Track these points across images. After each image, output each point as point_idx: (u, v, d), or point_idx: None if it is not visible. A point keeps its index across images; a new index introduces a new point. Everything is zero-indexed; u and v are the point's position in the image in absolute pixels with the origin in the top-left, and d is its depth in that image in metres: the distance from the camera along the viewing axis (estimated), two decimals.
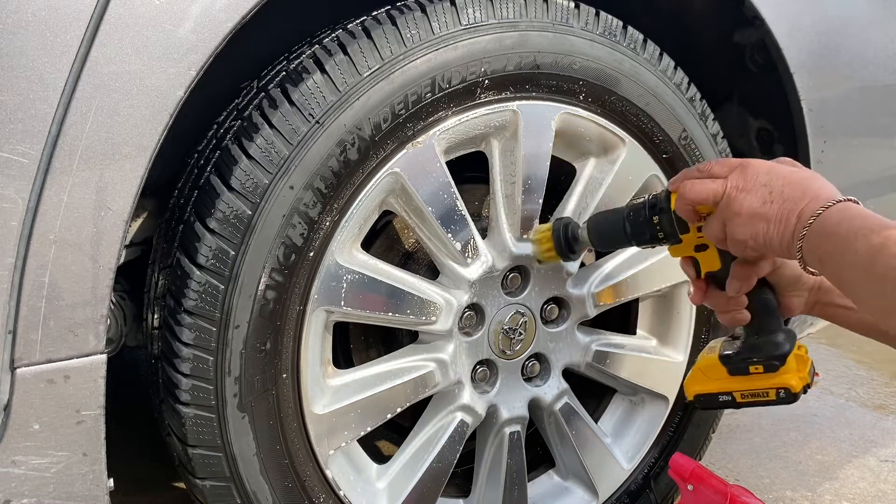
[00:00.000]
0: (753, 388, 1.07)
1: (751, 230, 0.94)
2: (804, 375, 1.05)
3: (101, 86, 0.84)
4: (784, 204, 0.91)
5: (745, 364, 1.07)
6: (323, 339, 1.13)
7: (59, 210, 0.84)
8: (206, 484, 1.07)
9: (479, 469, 1.34)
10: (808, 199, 0.90)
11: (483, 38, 1.12)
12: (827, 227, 0.86)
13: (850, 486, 1.85)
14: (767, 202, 0.93)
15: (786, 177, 0.93)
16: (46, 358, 0.86)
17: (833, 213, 0.87)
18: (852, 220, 0.84)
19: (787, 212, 0.91)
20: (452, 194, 1.15)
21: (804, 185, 0.92)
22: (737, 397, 1.09)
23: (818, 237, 0.87)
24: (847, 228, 0.84)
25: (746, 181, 0.95)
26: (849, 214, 0.86)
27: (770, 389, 1.06)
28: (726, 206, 0.97)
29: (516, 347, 1.30)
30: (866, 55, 1.52)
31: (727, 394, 1.09)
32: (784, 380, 1.05)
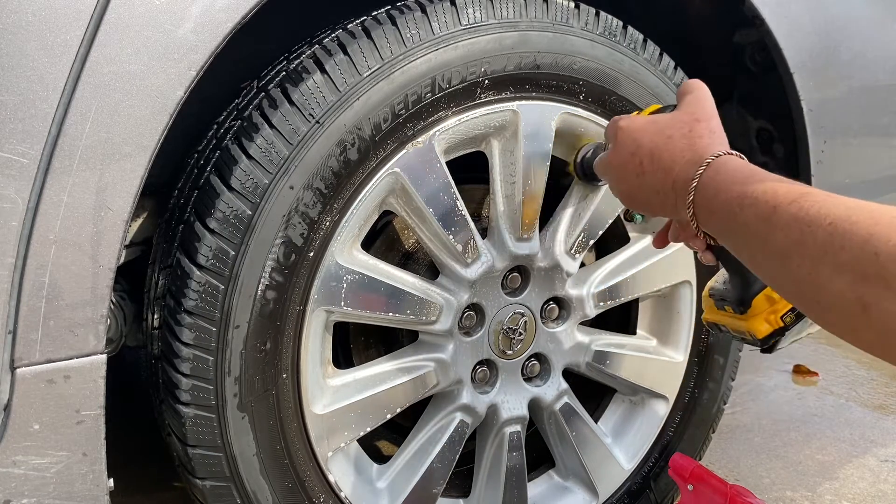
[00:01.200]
0: (735, 326, 1.03)
1: (638, 204, 0.90)
2: (774, 318, 0.98)
3: (101, 86, 0.84)
4: (656, 174, 0.84)
5: (722, 304, 1.03)
6: (323, 339, 1.13)
7: (59, 210, 0.84)
8: (206, 484, 1.07)
9: (479, 469, 1.34)
10: (678, 166, 0.82)
11: (483, 38, 1.12)
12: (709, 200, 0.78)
13: (850, 486, 1.85)
14: (639, 174, 0.87)
15: (653, 141, 0.86)
16: (46, 358, 0.86)
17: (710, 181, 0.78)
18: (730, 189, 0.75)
19: (660, 183, 0.84)
20: (452, 194, 1.15)
21: (672, 149, 0.84)
22: (730, 331, 1.05)
23: (703, 211, 0.79)
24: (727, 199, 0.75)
25: (618, 153, 0.90)
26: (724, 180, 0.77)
27: (744, 332, 1.01)
28: (612, 185, 0.94)
29: (516, 347, 1.30)
30: (866, 55, 1.51)
31: (723, 325, 1.05)
32: (751, 325, 0.99)
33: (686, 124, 0.85)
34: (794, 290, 0.69)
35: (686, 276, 1.45)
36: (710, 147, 0.81)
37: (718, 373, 1.53)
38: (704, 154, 0.80)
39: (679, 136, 0.84)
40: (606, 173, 0.96)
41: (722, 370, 1.54)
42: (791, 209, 0.69)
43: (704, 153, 0.81)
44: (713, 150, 0.81)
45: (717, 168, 0.78)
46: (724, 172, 0.77)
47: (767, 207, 0.71)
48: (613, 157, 0.92)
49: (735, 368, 1.58)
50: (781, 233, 0.69)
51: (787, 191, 0.71)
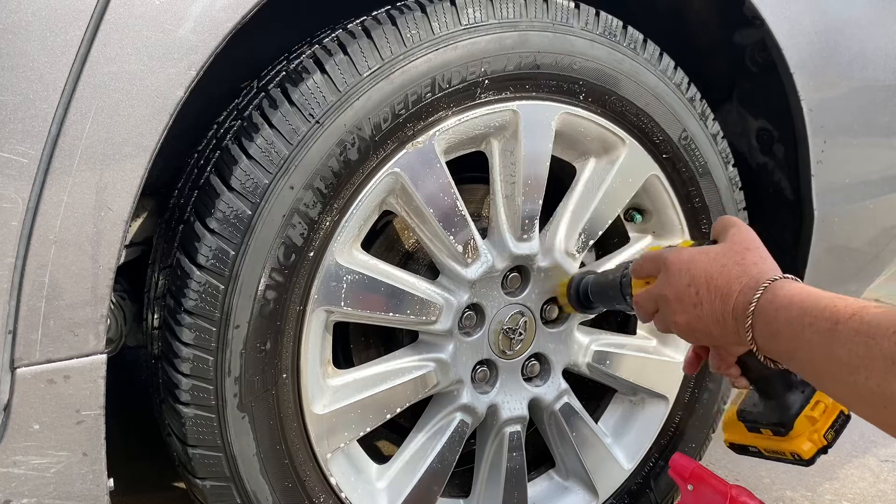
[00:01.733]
0: (771, 448, 1.04)
1: (699, 336, 0.92)
2: (817, 438, 1.00)
3: (101, 86, 0.84)
4: (714, 302, 0.87)
5: (756, 426, 1.05)
6: (323, 339, 1.13)
7: (59, 210, 0.84)
8: (206, 484, 1.07)
9: (479, 469, 1.34)
10: (736, 292, 0.85)
11: (483, 38, 1.12)
12: (769, 323, 0.80)
13: (850, 486, 1.85)
14: (697, 304, 0.89)
15: (707, 270, 0.89)
16: (46, 358, 0.86)
17: (768, 305, 0.81)
18: (789, 309, 0.78)
19: (719, 312, 0.87)
20: (452, 194, 1.15)
21: (728, 276, 0.86)
22: (762, 451, 1.06)
23: (764, 337, 0.82)
24: (787, 321, 0.78)
25: (671, 285, 0.93)
26: (782, 303, 0.79)
27: (784, 452, 1.03)
28: (662, 319, 0.96)
29: (516, 347, 1.30)
30: (866, 55, 1.51)
31: (753, 447, 1.07)
32: (794, 445, 1.01)
33: (738, 253, 0.89)
34: (864, 403, 0.71)
35: None
36: (765, 273, 0.85)
37: None
38: (760, 279, 0.83)
39: (732, 263, 0.87)
40: (657, 305, 0.97)
41: None
42: (852, 323, 0.71)
43: (760, 278, 0.83)
44: (768, 275, 0.84)
45: (775, 291, 0.81)
46: (781, 296, 0.80)
47: (829, 324, 0.73)
48: (667, 289, 0.94)
49: None
50: (845, 348, 0.71)
51: (846, 305, 0.73)
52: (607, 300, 1.20)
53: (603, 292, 1.20)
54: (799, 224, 1.49)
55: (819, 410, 1.00)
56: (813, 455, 1.00)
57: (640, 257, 1.04)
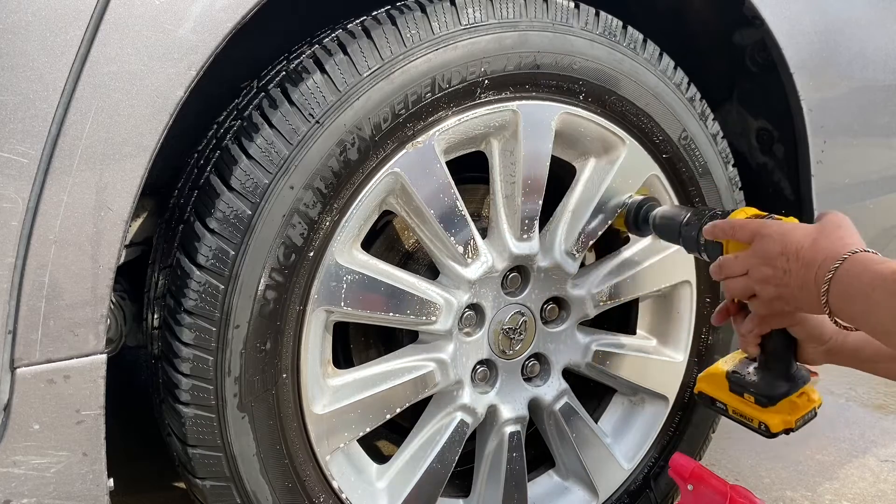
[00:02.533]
0: (742, 411, 1.13)
1: (777, 302, 1.01)
2: (789, 420, 1.09)
3: (101, 86, 0.84)
4: (800, 270, 0.96)
5: (742, 390, 1.13)
6: (323, 339, 1.13)
7: (59, 210, 0.84)
8: (206, 484, 1.07)
9: (479, 469, 1.34)
10: (820, 260, 0.94)
11: (483, 38, 1.12)
12: (845, 288, 0.90)
13: (850, 486, 1.85)
14: (786, 271, 0.98)
15: (799, 241, 0.97)
16: (46, 358, 0.86)
17: (844, 273, 0.90)
18: (862, 276, 0.88)
19: (802, 279, 0.96)
20: (452, 194, 1.15)
21: (816, 247, 0.95)
22: (728, 410, 1.15)
23: (839, 299, 0.91)
24: (860, 285, 0.87)
25: (766, 252, 1.01)
26: (858, 270, 0.89)
27: (754, 419, 1.11)
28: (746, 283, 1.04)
29: (516, 347, 1.30)
30: (866, 55, 1.52)
31: (723, 404, 1.16)
32: (767, 417, 1.10)
33: (829, 230, 0.97)
34: None
35: (686, 276, 1.45)
36: (848, 245, 0.93)
37: None
38: (842, 250, 0.92)
39: (822, 237, 0.96)
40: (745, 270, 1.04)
41: None
42: None
43: (842, 249, 0.93)
44: (850, 247, 0.93)
45: (853, 261, 0.90)
46: (857, 263, 0.90)
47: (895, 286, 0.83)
48: (759, 257, 1.02)
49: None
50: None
51: None
52: (672, 237, 1.23)
53: (671, 229, 1.22)
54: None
55: (802, 400, 1.10)
56: (779, 431, 1.10)
57: (733, 219, 1.11)
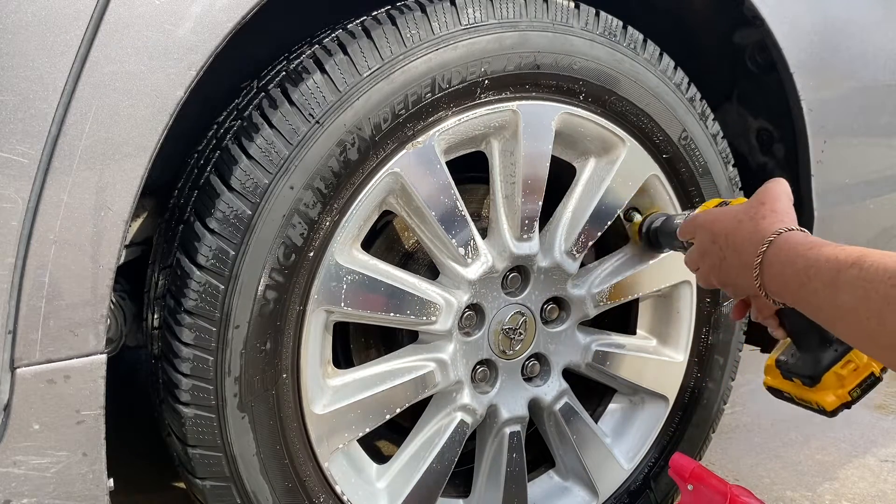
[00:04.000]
0: (800, 396, 1.12)
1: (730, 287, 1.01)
2: (842, 394, 1.06)
3: (101, 86, 0.84)
4: (733, 257, 0.96)
5: (790, 375, 1.12)
6: (323, 339, 1.13)
7: (59, 210, 0.84)
8: (206, 484, 1.07)
9: (479, 469, 1.34)
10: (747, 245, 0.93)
11: (483, 38, 1.12)
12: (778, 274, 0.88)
13: (850, 486, 1.85)
14: (722, 258, 0.99)
15: (725, 227, 0.98)
16: (46, 358, 0.86)
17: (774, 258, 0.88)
18: (796, 261, 0.85)
19: (738, 265, 0.95)
20: (452, 194, 1.15)
21: (742, 231, 0.94)
22: (794, 397, 1.14)
23: (775, 284, 0.89)
24: (793, 271, 0.85)
25: (701, 243, 1.04)
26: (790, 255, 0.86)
27: (811, 401, 1.10)
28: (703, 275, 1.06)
29: (516, 347, 1.30)
30: (866, 55, 1.52)
31: (787, 392, 1.15)
32: (818, 397, 1.08)
33: (753, 208, 0.96)
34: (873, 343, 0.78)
35: (686, 276, 1.44)
36: (772, 225, 0.91)
37: (718, 373, 1.53)
38: (766, 232, 0.90)
39: (747, 219, 0.95)
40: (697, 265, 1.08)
41: (722, 370, 1.54)
42: (853, 271, 0.77)
43: (767, 232, 0.90)
44: (774, 227, 0.90)
45: (780, 245, 0.88)
46: (786, 248, 0.87)
47: (831, 273, 0.79)
48: (698, 248, 1.05)
49: (735, 368, 1.58)
50: (847, 293, 0.77)
51: (847, 255, 0.79)
52: (670, 245, 1.31)
53: (667, 235, 1.30)
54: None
55: (849, 369, 1.06)
56: (836, 408, 1.07)
57: (687, 220, 1.14)
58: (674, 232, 1.25)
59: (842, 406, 1.07)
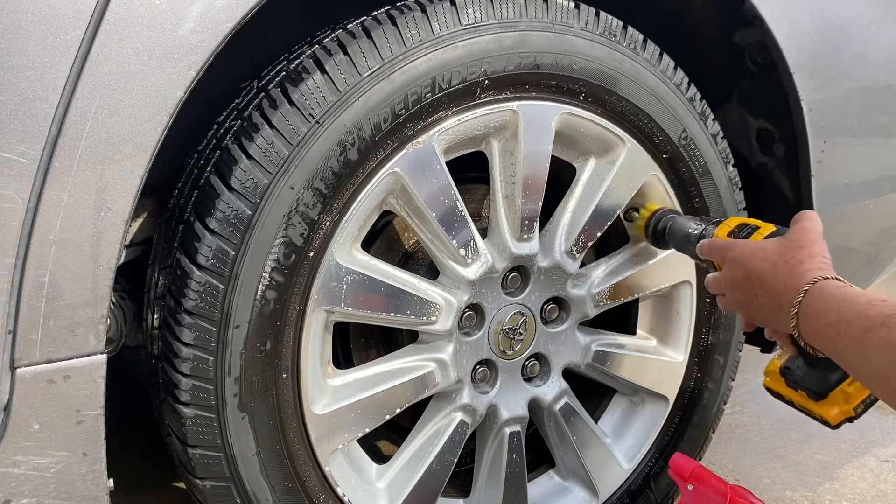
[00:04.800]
0: (802, 405, 1.12)
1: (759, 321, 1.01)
2: (847, 409, 1.07)
3: (101, 86, 0.84)
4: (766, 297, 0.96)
5: (795, 385, 1.11)
6: (323, 339, 1.13)
7: (59, 210, 0.84)
8: (206, 484, 1.07)
9: (479, 469, 1.34)
10: (781, 290, 0.93)
11: (483, 39, 1.12)
12: (811, 324, 0.88)
13: (850, 486, 1.85)
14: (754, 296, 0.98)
15: (760, 268, 0.97)
16: (46, 358, 0.86)
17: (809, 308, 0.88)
18: (828, 314, 0.86)
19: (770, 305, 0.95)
20: (452, 195, 1.15)
21: (777, 275, 0.94)
22: (794, 404, 1.14)
23: (808, 334, 0.90)
24: (825, 324, 0.86)
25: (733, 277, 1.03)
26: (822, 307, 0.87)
27: (814, 412, 1.10)
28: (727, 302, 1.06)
29: (516, 347, 1.30)
30: (866, 55, 1.51)
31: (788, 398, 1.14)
32: (823, 411, 1.08)
33: (790, 251, 0.96)
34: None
35: (686, 276, 1.45)
36: (809, 273, 0.91)
37: (718, 373, 1.53)
38: (802, 281, 0.90)
39: (782, 262, 0.95)
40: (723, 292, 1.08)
41: (722, 370, 1.54)
42: (881, 332, 0.77)
43: (802, 280, 0.91)
44: (811, 276, 0.90)
45: (815, 294, 0.88)
46: (821, 298, 0.87)
47: (860, 331, 0.80)
48: (728, 280, 1.05)
49: (735, 368, 1.58)
50: (875, 355, 0.78)
51: (878, 314, 0.79)
52: (680, 248, 1.29)
53: (679, 239, 1.28)
54: None
55: (855, 387, 1.06)
56: (839, 423, 1.07)
57: (711, 242, 1.14)
58: (687, 238, 1.24)
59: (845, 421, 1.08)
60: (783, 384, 1.14)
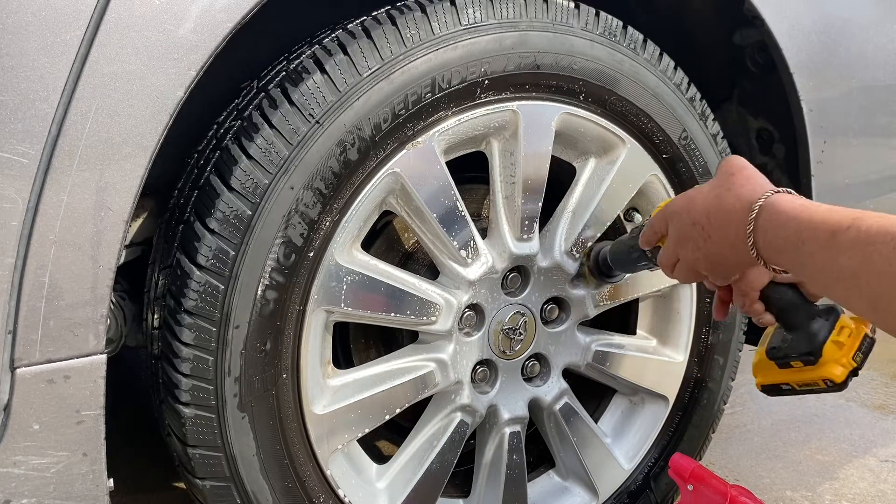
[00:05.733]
0: (803, 380, 1.07)
1: (719, 265, 0.96)
2: (846, 361, 1.02)
3: (101, 86, 0.84)
4: (719, 230, 0.92)
5: (786, 360, 1.08)
6: (323, 339, 1.13)
7: (59, 210, 0.84)
8: (206, 484, 1.07)
9: (479, 469, 1.34)
10: (735, 217, 0.89)
11: (483, 39, 1.12)
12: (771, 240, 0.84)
13: (850, 486, 1.85)
14: (706, 238, 0.94)
15: (704, 205, 0.94)
16: (46, 358, 0.86)
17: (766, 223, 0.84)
18: (788, 224, 0.82)
19: (726, 238, 0.91)
20: (452, 195, 1.15)
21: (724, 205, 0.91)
22: (794, 387, 1.09)
23: (770, 251, 0.85)
24: (786, 235, 0.82)
25: (680, 230, 0.98)
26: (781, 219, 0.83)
27: (816, 380, 1.05)
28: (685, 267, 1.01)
29: (516, 347, 1.30)
30: (866, 55, 1.52)
31: (786, 384, 1.10)
32: (825, 371, 1.03)
33: (725, 181, 0.92)
34: (869, 306, 0.75)
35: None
36: (755, 191, 0.87)
37: (718, 373, 1.53)
38: (752, 198, 0.87)
39: (724, 191, 0.91)
40: (676, 257, 1.02)
41: (722, 370, 1.54)
42: (850, 234, 0.74)
43: (751, 198, 0.87)
44: (758, 192, 0.87)
45: (768, 209, 0.84)
46: (775, 212, 0.84)
47: (827, 235, 0.76)
48: (675, 238, 1.00)
49: (735, 368, 1.58)
50: (845, 256, 0.74)
51: (841, 217, 0.76)
52: (629, 264, 1.23)
53: (623, 258, 1.23)
54: None
55: (845, 335, 1.03)
56: (845, 378, 1.03)
57: (646, 224, 1.09)
58: (630, 246, 1.19)
59: (850, 375, 1.03)
60: (775, 369, 1.10)
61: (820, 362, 1.03)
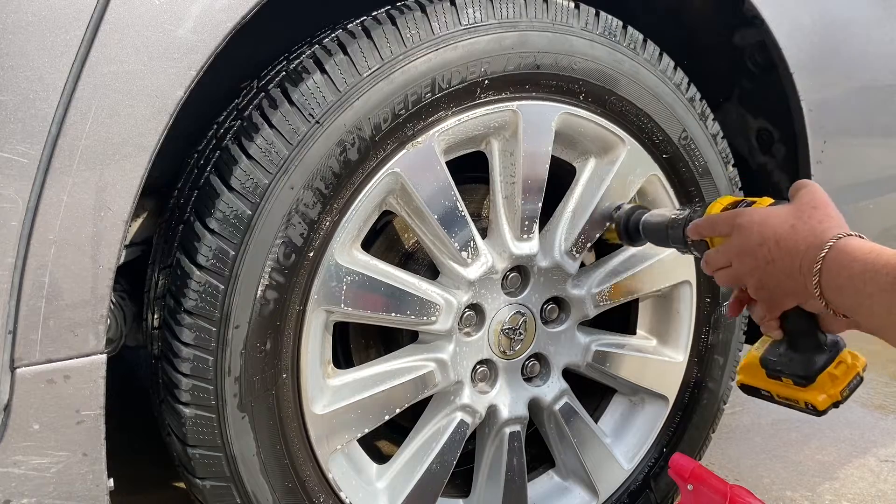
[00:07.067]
0: (787, 395, 1.10)
1: (770, 289, 0.99)
2: (834, 393, 1.06)
3: (101, 86, 0.84)
4: (784, 259, 0.94)
5: (778, 374, 1.10)
6: (323, 339, 1.13)
7: (59, 210, 0.84)
8: (206, 484, 1.07)
9: (479, 469, 1.34)
10: (803, 251, 0.91)
11: (483, 39, 1.12)
12: (834, 279, 0.87)
13: (850, 486, 1.85)
14: (769, 261, 0.96)
15: (776, 231, 0.96)
16: (46, 358, 0.86)
17: (832, 263, 0.87)
18: (852, 266, 0.85)
19: (789, 268, 0.93)
20: (452, 195, 1.15)
21: (796, 235, 0.93)
22: (774, 396, 1.12)
23: (830, 290, 0.88)
24: (849, 276, 0.85)
25: (744, 245, 1.00)
26: (846, 260, 0.86)
27: (799, 400, 1.08)
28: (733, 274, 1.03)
29: (516, 347, 1.30)
30: (866, 55, 1.52)
31: (767, 391, 1.13)
32: (811, 396, 1.07)
33: (805, 212, 0.95)
34: None
35: (686, 277, 1.45)
36: (830, 230, 0.90)
37: (718, 373, 1.53)
38: (825, 237, 0.89)
39: (800, 223, 0.94)
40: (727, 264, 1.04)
41: (722, 370, 1.54)
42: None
43: (825, 236, 0.89)
44: (833, 232, 0.89)
45: (839, 249, 0.87)
46: (845, 252, 0.87)
47: (889, 279, 0.79)
48: (739, 248, 1.01)
49: (735, 368, 1.58)
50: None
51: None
52: (661, 239, 1.23)
53: (657, 231, 1.23)
54: None
55: (841, 369, 1.06)
56: (826, 408, 1.06)
57: (709, 216, 1.10)
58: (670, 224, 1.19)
59: (831, 406, 1.06)
60: (762, 376, 1.12)
61: (810, 387, 1.07)
